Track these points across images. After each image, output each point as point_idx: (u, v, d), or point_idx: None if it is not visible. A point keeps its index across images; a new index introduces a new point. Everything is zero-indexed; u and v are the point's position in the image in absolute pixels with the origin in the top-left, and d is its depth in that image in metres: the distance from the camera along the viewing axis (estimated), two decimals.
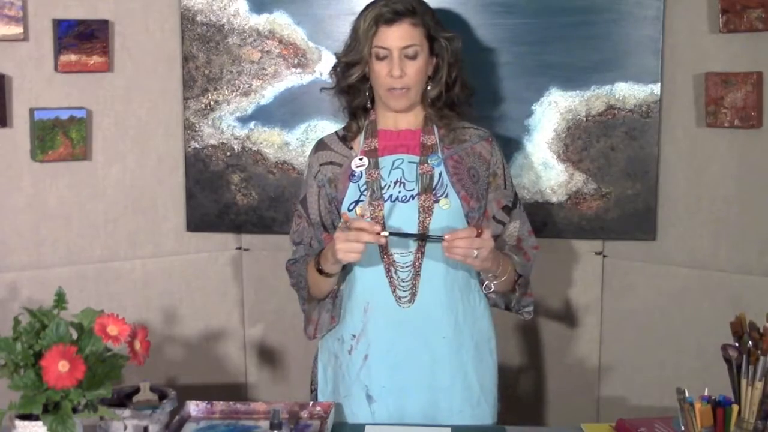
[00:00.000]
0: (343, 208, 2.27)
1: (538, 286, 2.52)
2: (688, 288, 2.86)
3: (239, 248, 3.10)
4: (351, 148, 2.34)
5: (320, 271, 2.22)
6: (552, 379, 3.08)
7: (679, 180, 2.85)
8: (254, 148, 2.94)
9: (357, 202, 2.27)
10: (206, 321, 3.07)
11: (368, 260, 2.16)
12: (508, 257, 2.27)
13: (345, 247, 2.08)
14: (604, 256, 2.98)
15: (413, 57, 2.22)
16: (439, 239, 2.09)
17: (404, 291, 2.24)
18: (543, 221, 2.90)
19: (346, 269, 2.25)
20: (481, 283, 2.29)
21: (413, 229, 2.22)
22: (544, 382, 3.09)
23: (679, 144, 2.84)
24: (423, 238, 2.18)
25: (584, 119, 2.85)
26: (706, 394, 1.88)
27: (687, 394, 1.88)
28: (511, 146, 2.87)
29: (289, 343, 3.08)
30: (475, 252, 2.06)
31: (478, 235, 2.07)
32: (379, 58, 2.22)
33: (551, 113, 2.86)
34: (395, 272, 2.25)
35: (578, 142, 2.86)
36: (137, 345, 1.90)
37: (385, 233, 2.09)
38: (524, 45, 2.81)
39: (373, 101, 2.32)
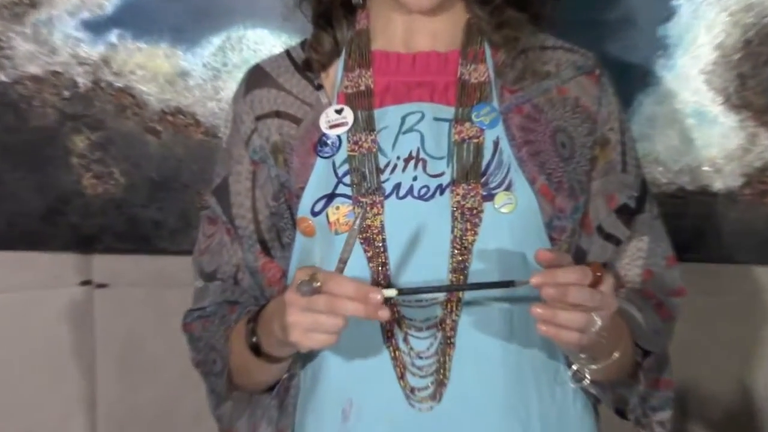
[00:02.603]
0: (303, 210, 1.63)
1: (685, 357, 1.83)
2: None
3: (87, 282, 2.47)
4: (319, 87, 1.73)
5: (257, 351, 1.59)
6: None
7: None
8: (119, 84, 2.31)
9: (331, 197, 1.64)
10: (22, 423, 2.43)
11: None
12: (621, 317, 1.66)
13: (306, 323, 1.45)
14: None
15: None
16: (506, 286, 1.48)
17: (423, 377, 1.59)
18: (697, 228, 2.18)
19: None
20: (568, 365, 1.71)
21: (443, 256, 1.57)
22: None
23: None
24: (476, 288, 1.57)
25: None
26: None
27: None
28: (632, 82, 2.16)
29: None
30: (598, 321, 1.44)
31: (595, 283, 1.43)
32: None
33: (710, 14, 2.14)
34: (404, 340, 1.61)
35: (765, 71, 2.13)
36: None
37: (391, 292, 1.45)
38: None
39: None
